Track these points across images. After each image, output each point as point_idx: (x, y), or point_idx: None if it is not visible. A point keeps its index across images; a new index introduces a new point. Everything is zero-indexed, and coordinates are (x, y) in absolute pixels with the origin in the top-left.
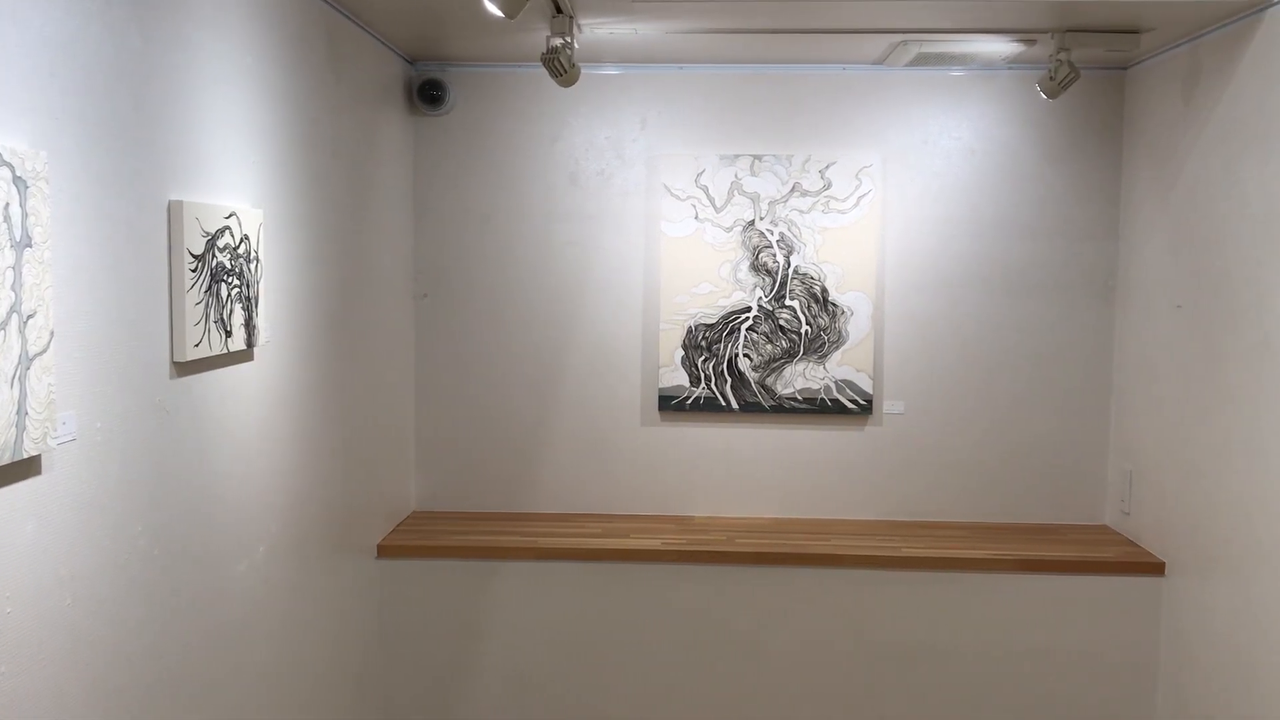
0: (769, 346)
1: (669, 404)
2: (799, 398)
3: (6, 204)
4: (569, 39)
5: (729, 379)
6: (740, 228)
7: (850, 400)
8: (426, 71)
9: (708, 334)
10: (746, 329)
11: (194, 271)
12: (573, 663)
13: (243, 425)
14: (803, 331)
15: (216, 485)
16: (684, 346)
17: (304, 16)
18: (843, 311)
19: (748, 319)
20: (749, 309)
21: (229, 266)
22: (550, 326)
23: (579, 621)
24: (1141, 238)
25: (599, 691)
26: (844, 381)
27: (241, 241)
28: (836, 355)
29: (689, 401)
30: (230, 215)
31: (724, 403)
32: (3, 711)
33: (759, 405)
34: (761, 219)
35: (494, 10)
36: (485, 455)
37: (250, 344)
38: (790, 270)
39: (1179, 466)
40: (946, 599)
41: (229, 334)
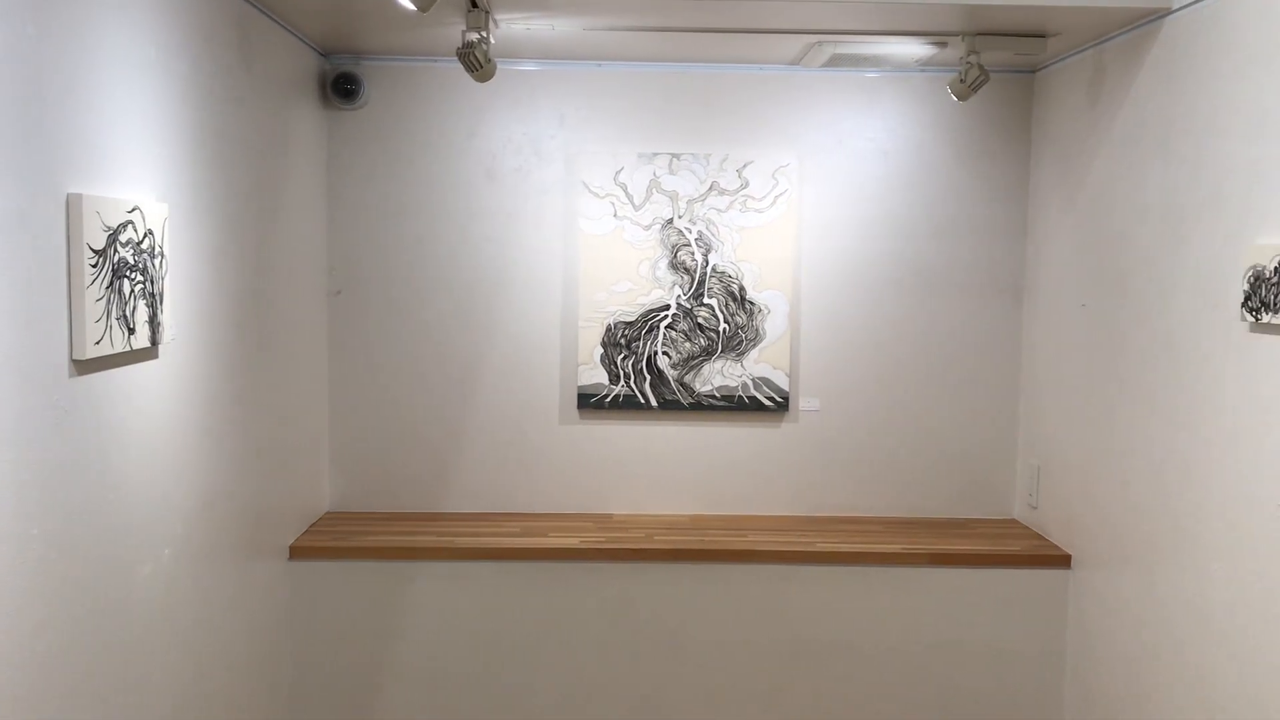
0: (687, 344)
1: (588, 402)
2: (717, 395)
3: None
4: (485, 34)
5: (648, 377)
6: (659, 226)
7: (767, 397)
8: (340, 65)
9: (627, 332)
10: (665, 327)
11: (94, 267)
12: (491, 664)
13: (146, 425)
14: (721, 330)
15: (118, 487)
16: (603, 344)
17: (212, 7)
18: (760, 310)
19: (667, 317)
20: (668, 307)
21: (132, 262)
22: (468, 324)
23: (497, 622)
24: (1048, 238)
25: (518, 692)
26: (761, 379)
27: (145, 236)
28: (754, 353)
29: (608, 399)
30: (133, 209)
31: (643, 400)
32: None
33: (678, 403)
34: (680, 217)
35: (406, 4)
36: (401, 454)
37: (155, 341)
38: (709, 269)
39: (1084, 462)
40: (860, 593)
41: (132, 331)
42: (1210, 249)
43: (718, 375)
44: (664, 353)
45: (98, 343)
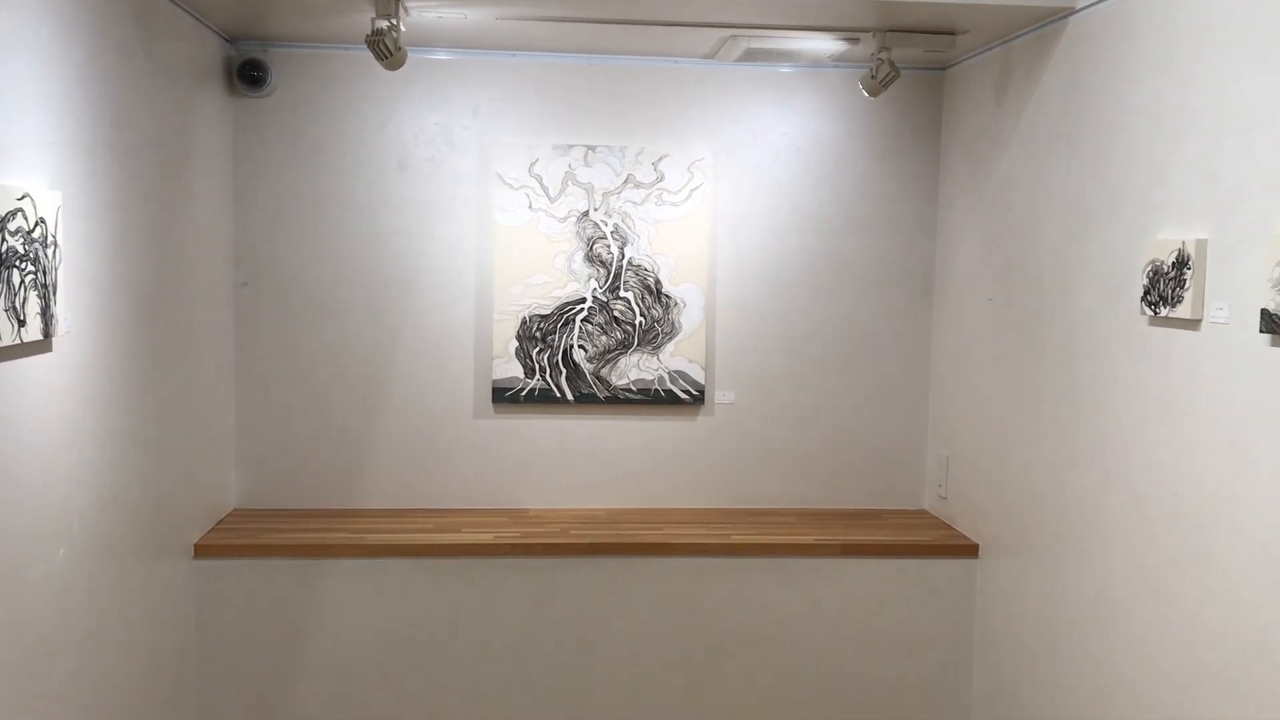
0: (604, 338)
1: (503, 396)
2: (633, 388)
3: None
4: (395, 22)
5: (564, 370)
6: (575, 218)
7: (683, 391)
8: (247, 51)
9: (542, 325)
10: (581, 320)
11: None
12: (404, 662)
13: (39, 419)
14: (637, 323)
15: (6, 483)
16: (518, 338)
17: None
18: (676, 303)
19: (583, 310)
20: (584, 300)
21: (22, 251)
22: (379, 316)
23: (410, 619)
24: (957, 233)
25: (431, 690)
26: (677, 372)
27: (37, 225)
28: (670, 346)
29: (523, 393)
30: (23, 197)
31: (559, 394)
32: None
33: (594, 396)
34: (596, 210)
35: None
36: (311, 449)
37: (48, 334)
38: (625, 262)
39: (991, 453)
40: (774, 584)
41: (22, 323)
42: (1112, 244)
43: (634, 369)
44: (580, 346)
45: None
